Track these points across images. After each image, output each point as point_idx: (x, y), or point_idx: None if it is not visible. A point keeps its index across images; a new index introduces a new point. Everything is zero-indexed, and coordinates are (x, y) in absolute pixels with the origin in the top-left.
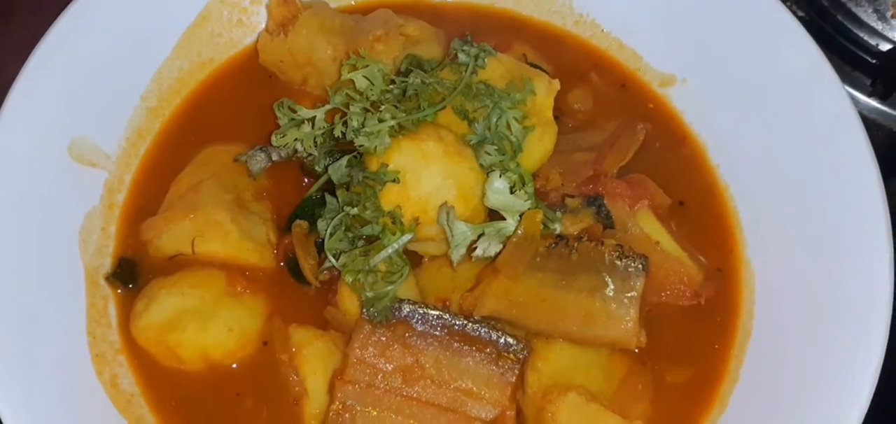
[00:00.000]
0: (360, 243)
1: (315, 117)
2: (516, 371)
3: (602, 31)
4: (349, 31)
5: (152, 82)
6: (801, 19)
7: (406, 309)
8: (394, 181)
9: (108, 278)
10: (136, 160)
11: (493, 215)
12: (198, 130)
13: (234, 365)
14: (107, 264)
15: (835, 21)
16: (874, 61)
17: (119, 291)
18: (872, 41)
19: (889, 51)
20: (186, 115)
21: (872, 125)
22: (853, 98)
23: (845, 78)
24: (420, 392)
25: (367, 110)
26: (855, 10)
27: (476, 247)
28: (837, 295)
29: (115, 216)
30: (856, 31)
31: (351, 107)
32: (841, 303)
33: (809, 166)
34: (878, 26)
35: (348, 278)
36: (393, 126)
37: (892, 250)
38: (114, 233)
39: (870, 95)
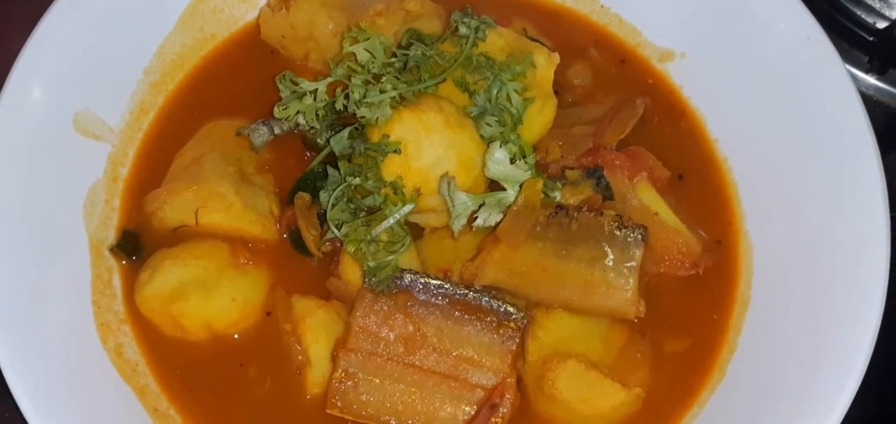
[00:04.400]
0: (362, 214)
1: (317, 89)
2: (517, 340)
3: (601, 6)
4: (350, 5)
5: (155, 57)
6: None
7: (408, 278)
8: (395, 152)
9: (112, 249)
10: (139, 133)
11: (494, 186)
12: (201, 104)
13: (238, 335)
14: (111, 236)
15: None
16: (872, 39)
17: (123, 262)
18: (870, 19)
19: (886, 28)
20: (189, 90)
21: (870, 101)
22: (851, 75)
23: (843, 55)
24: (422, 360)
25: (369, 82)
26: None
27: (476, 217)
28: (834, 267)
29: (118, 188)
30: (853, 8)
31: (352, 78)
32: (838, 275)
33: (808, 139)
34: (876, 4)
35: (350, 248)
36: (394, 97)
37: (889, 222)
38: (118, 206)
39: (867, 72)
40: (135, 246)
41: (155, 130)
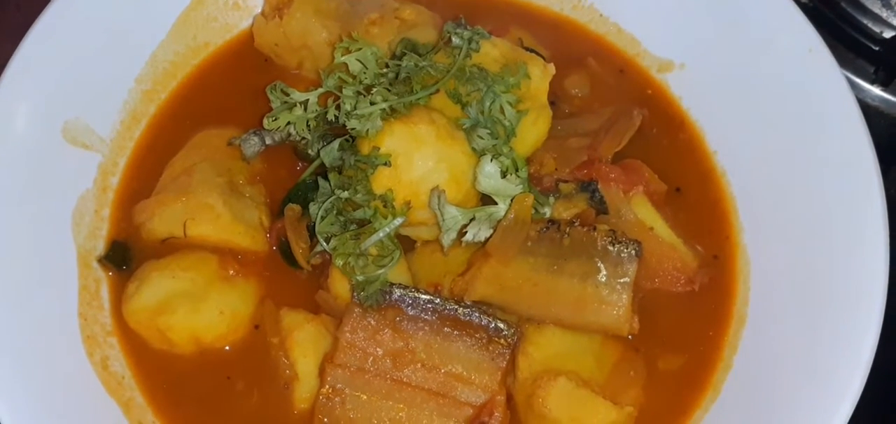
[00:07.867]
0: (352, 227)
1: (307, 100)
2: (507, 357)
3: (600, 15)
4: (344, 14)
5: (147, 65)
6: (803, 5)
7: (397, 293)
8: (385, 164)
9: (101, 260)
10: (130, 143)
11: (487, 200)
12: (192, 114)
13: (226, 348)
14: (100, 246)
15: (838, 7)
16: (877, 48)
17: (111, 273)
18: (876, 28)
19: (892, 38)
20: (181, 99)
21: (874, 113)
22: (855, 85)
23: (848, 65)
24: (410, 376)
25: (360, 93)
26: None
27: (466, 232)
28: (832, 283)
29: (108, 199)
30: (859, 17)
31: (343, 90)
32: (836, 291)
33: (807, 153)
34: (883, 13)
35: (339, 262)
36: (384, 109)
37: (889, 238)
38: (107, 216)
39: (872, 83)
40: (124, 256)
41: (146, 140)
